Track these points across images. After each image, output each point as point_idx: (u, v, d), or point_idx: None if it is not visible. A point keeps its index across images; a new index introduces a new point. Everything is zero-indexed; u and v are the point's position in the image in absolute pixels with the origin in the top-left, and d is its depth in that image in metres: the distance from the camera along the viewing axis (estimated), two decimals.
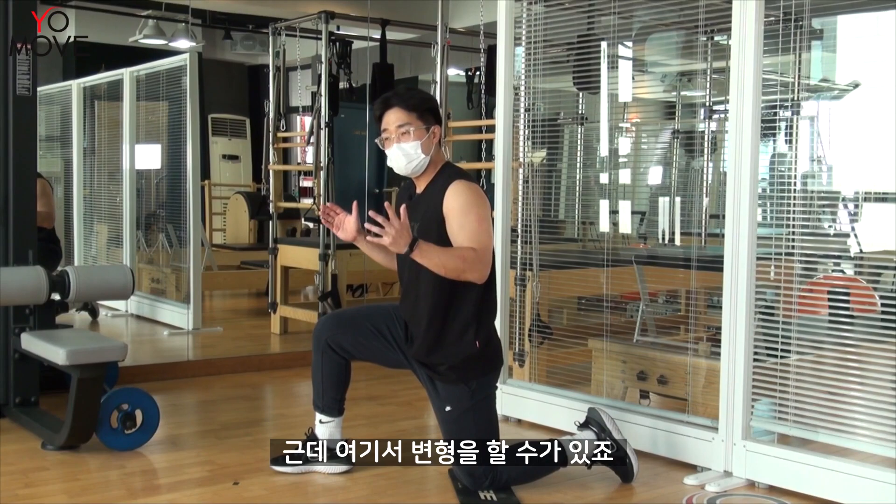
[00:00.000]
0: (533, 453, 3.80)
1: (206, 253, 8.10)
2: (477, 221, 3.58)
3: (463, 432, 3.70)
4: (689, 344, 4.53)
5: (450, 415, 3.72)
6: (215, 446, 4.34)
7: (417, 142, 3.69)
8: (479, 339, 3.71)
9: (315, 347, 3.93)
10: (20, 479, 3.90)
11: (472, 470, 3.71)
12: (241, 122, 9.35)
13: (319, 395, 3.95)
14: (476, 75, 7.71)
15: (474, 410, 3.72)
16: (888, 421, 3.58)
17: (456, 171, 3.78)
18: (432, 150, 3.74)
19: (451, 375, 3.69)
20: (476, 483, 3.72)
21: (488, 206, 3.72)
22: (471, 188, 3.66)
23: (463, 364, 3.69)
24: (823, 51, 5.33)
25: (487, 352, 3.77)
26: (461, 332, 3.68)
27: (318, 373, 3.93)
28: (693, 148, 6.31)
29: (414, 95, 3.80)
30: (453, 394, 3.71)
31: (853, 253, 4.56)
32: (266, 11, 8.06)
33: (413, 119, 3.71)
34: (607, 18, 4.68)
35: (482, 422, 3.75)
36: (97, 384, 4.17)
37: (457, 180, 3.66)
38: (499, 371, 3.89)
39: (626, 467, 3.87)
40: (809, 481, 3.74)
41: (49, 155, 8.49)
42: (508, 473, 3.75)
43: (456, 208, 3.60)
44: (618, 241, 5.41)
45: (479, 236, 3.57)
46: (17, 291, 4.43)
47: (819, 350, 3.84)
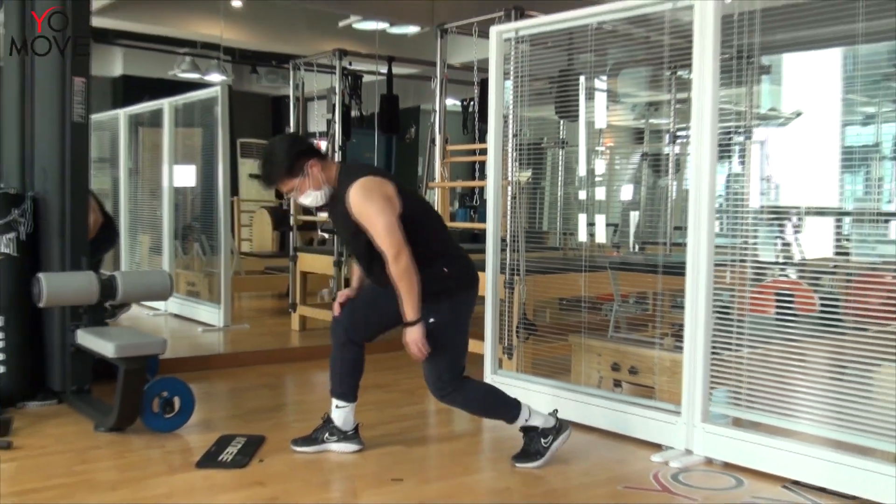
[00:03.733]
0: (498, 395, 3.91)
1: (235, 260, 8.10)
2: (375, 216, 3.56)
3: (440, 341, 3.69)
4: (656, 339, 4.55)
5: (433, 325, 3.68)
6: (243, 428, 4.32)
7: (309, 188, 3.71)
8: (446, 267, 3.73)
9: (335, 342, 3.92)
10: (76, 456, 3.93)
11: (440, 373, 3.73)
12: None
13: (337, 383, 3.94)
14: (470, 105, 7.70)
15: (452, 323, 3.73)
16: (826, 406, 3.60)
17: (347, 177, 3.70)
18: (320, 178, 3.71)
19: (434, 297, 3.66)
20: (441, 388, 3.75)
21: (377, 194, 3.60)
22: (359, 192, 3.61)
23: (442, 288, 3.68)
24: (771, 84, 5.35)
25: (458, 272, 3.77)
26: (426, 268, 3.63)
27: (338, 364, 3.92)
28: (659, 168, 6.31)
29: (274, 168, 3.71)
30: (436, 310, 3.68)
31: (796, 259, 4.57)
32: (287, 49, 8.09)
33: (287, 180, 3.71)
34: (585, 56, 4.68)
35: (457, 334, 3.77)
36: (141, 374, 4.20)
37: (349, 190, 3.62)
38: (475, 290, 3.85)
39: (526, 459, 3.82)
40: (759, 458, 3.75)
41: (100, 174, 8.51)
42: (468, 394, 3.80)
43: (359, 215, 3.60)
44: (594, 250, 5.39)
45: (379, 231, 3.56)
46: (72, 293, 4.45)
47: (768, 344, 3.84)
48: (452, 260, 3.79)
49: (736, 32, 3.87)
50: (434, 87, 6.70)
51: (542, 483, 3.68)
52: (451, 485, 3.65)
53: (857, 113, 4.93)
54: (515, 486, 3.63)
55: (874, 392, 3.51)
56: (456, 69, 7.07)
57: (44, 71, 4.85)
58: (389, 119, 8.06)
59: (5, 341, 4.65)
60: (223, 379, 5.65)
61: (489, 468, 3.89)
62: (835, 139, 4.71)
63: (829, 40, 4.31)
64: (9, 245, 4.65)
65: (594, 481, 3.72)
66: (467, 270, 3.83)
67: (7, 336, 4.66)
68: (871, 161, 4.91)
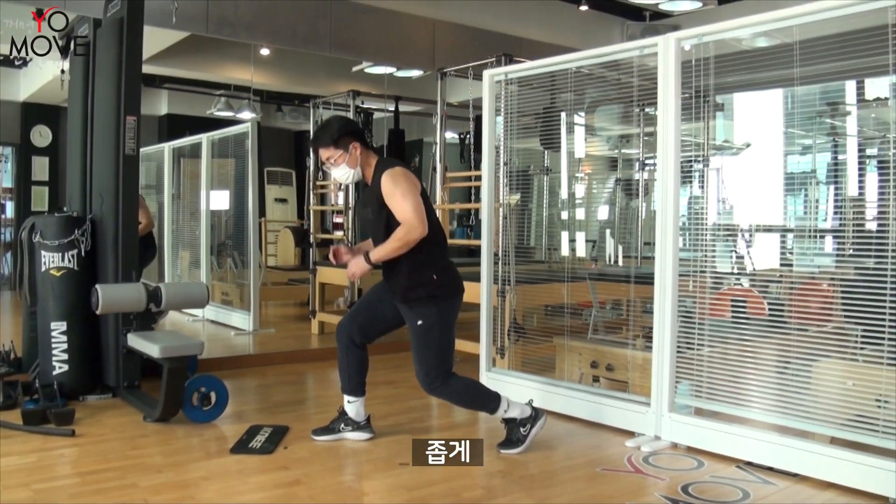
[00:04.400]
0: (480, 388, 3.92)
1: (263, 272, 8.10)
2: (401, 198, 3.58)
3: (429, 341, 3.69)
4: (629, 340, 4.57)
5: (421, 327, 3.68)
6: (270, 419, 4.34)
7: (343, 163, 3.73)
8: (434, 273, 3.70)
9: (339, 344, 3.93)
10: (128, 442, 3.96)
11: (429, 370, 3.71)
12: (289, 174, 9.38)
13: (346, 381, 3.95)
14: (467, 137, 7.76)
15: (439, 325, 3.70)
16: (773, 396, 3.62)
17: (385, 165, 3.73)
18: (359, 160, 3.74)
19: (424, 301, 3.68)
20: (430, 383, 3.73)
21: (407, 181, 3.62)
22: (393, 175, 3.63)
23: (430, 292, 3.68)
24: (724, 119, 5.37)
25: (445, 280, 3.75)
26: (419, 272, 3.66)
27: (345, 364, 3.93)
28: (631, 192, 6.31)
29: (325, 134, 3.75)
30: (424, 312, 3.68)
31: (748, 270, 4.58)
32: (308, 90, 8.12)
33: (332, 151, 3.73)
34: (565, 95, 4.71)
35: (444, 335, 3.74)
36: (182, 372, 4.22)
37: (385, 173, 3.65)
38: (460, 297, 3.81)
39: (509, 446, 3.84)
40: (717, 442, 3.78)
41: (147, 199, 8.51)
42: (454, 388, 3.77)
43: (386, 194, 3.62)
44: (575, 263, 5.40)
45: (403, 209, 3.58)
46: (124, 302, 4.49)
47: (724, 344, 3.86)
48: (442, 269, 3.76)
49: (694, 75, 3.91)
50: (435, 122, 6.72)
51: (530, 466, 3.70)
52: (451, 468, 3.60)
53: (796, 144, 4.95)
54: (507, 468, 3.66)
55: (813, 383, 3.54)
56: (454, 107, 7.06)
57: (101, 111, 4.91)
58: (396, 150, 8.07)
59: (68, 343, 4.68)
60: (252, 376, 5.66)
61: (485, 454, 3.87)
62: (778, 166, 4.73)
63: (772, 82, 4.36)
64: (71, 260, 4.69)
65: (575, 464, 3.75)
66: (454, 279, 3.80)
67: (69, 339, 4.68)
68: (809, 185, 4.94)
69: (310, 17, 6.71)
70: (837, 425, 3.41)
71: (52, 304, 4.69)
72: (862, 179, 5.01)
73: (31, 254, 4.76)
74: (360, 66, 7.71)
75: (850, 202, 4.47)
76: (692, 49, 3.91)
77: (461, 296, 3.84)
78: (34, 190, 8.49)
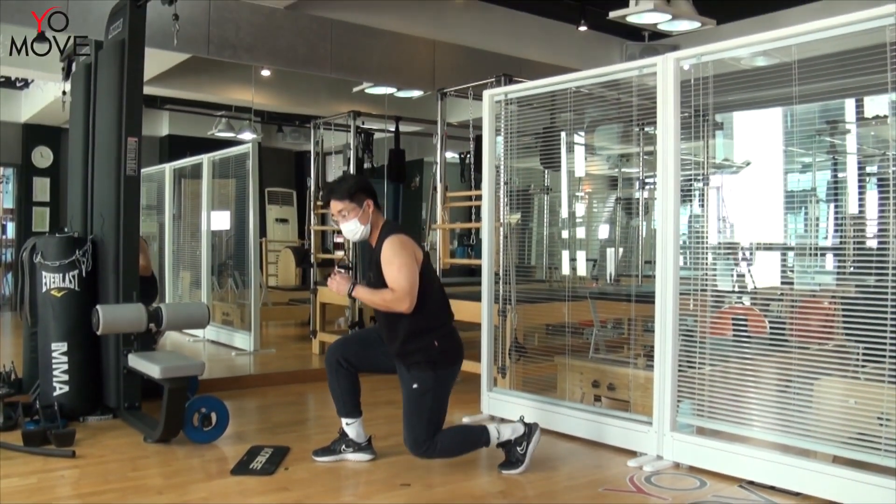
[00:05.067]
0: (465, 432, 3.90)
1: (263, 292, 8.11)
2: (397, 270, 3.61)
3: (421, 407, 3.67)
4: (631, 359, 4.56)
5: (415, 391, 3.67)
6: (270, 440, 4.32)
7: (355, 219, 3.75)
8: (436, 340, 3.69)
9: (329, 368, 3.92)
10: (129, 464, 3.94)
11: (417, 437, 3.68)
12: (289, 194, 9.42)
13: (341, 404, 3.93)
14: (467, 157, 7.78)
15: (434, 392, 3.68)
16: (775, 415, 3.61)
17: (389, 230, 3.76)
18: (370, 219, 3.77)
19: (422, 365, 3.67)
20: (418, 449, 3.70)
21: (409, 254, 3.65)
22: (393, 244, 3.66)
23: (430, 358, 3.67)
24: (724, 138, 5.38)
25: (447, 347, 3.73)
26: (419, 338, 3.67)
27: (336, 387, 3.91)
28: (631, 211, 6.31)
29: (342, 187, 3.78)
30: (421, 377, 3.67)
31: (749, 288, 4.57)
32: (309, 111, 8.16)
33: (346, 204, 3.75)
34: (565, 115, 4.71)
35: (437, 402, 3.71)
36: (183, 393, 4.20)
37: (387, 239, 3.68)
38: (459, 363, 3.81)
39: (510, 467, 3.81)
40: (719, 461, 3.76)
41: (148, 220, 8.53)
42: (443, 445, 3.73)
43: (384, 261, 3.65)
44: (576, 282, 5.39)
45: (398, 281, 3.60)
46: (125, 323, 4.46)
47: (726, 362, 3.84)
48: (444, 335, 3.75)
49: (693, 94, 3.92)
50: (435, 142, 6.74)
51: (532, 486, 3.69)
52: (453, 489, 3.65)
53: (796, 162, 4.96)
54: (508, 489, 3.64)
55: (815, 402, 3.52)
56: (454, 127, 7.10)
57: (103, 132, 4.92)
58: (397, 170, 8.10)
59: (68, 364, 4.67)
60: (253, 396, 5.64)
61: (486, 474, 3.88)
62: (778, 185, 4.75)
63: (771, 101, 4.38)
64: (72, 281, 4.69)
65: (577, 484, 3.73)
66: (454, 346, 3.79)
67: (70, 359, 4.67)
68: (809, 203, 4.94)
69: (311, 39, 6.76)
70: (839, 444, 3.39)
71: (53, 325, 4.69)
72: (862, 197, 5.02)
73: (32, 274, 4.76)
74: (361, 87, 7.76)
75: (851, 220, 4.47)
76: (691, 68, 3.93)
77: (460, 363, 3.83)
78: (35, 210, 8.53)
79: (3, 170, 8.80)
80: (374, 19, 7.09)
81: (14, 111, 8.58)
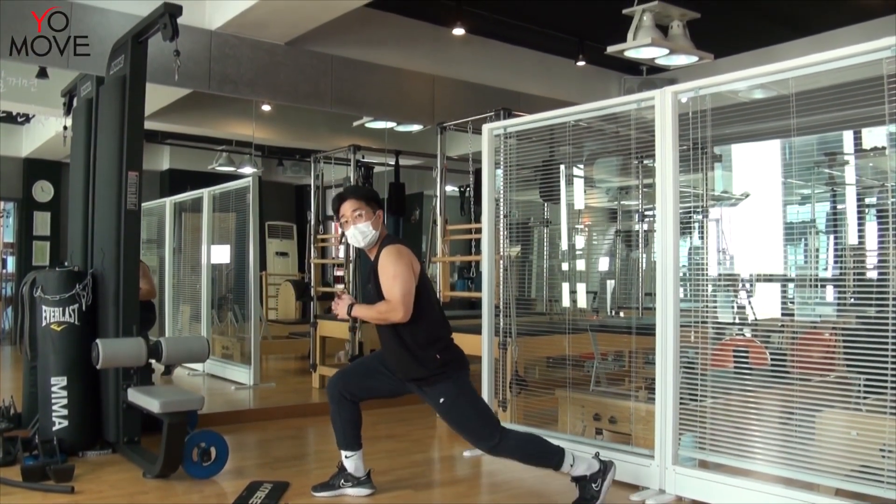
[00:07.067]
0: (541, 442, 3.80)
1: (263, 326, 8.09)
2: (392, 278, 3.61)
3: (462, 412, 3.67)
4: (632, 392, 4.53)
5: (445, 404, 3.65)
6: (270, 475, 4.30)
7: (368, 222, 3.76)
8: (438, 353, 3.68)
9: (331, 399, 3.90)
10: (127, 499, 3.91)
11: (479, 438, 3.66)
12: (289, 228, 9.44)
13: (342, 436, 3.91)
14: (467, 190, 7.80)
15: (462, 394, 3.68)
16: (777, 447, 3.59)
17: (389, 241, 3.78)
18: (378, 226, 3.79)
19: (433, 380, 3.67)
20: (488, 444, 3.65)
21: (405, 264, 3.63)
22: (391, 253, 3.67)
23: (436, 371, 3.66)
24: (723, 170, 5.42)
25: (449, 358, 3.72)
26: (421, 354, 3.66)
27: (338, 419, 3.90)
28: (631, 243, 6.33)
29: (360, 189, 3.81)
30: (442, 389, 3.66)
31: (750, 320, 4.57)
32: (309, 145, 8.21)
33: (363, 205, 3.77)
34: (564, 148, 4.74)
35: (473, 400, 3.72)
36: (182, 428, 4.19)
37: (385, 248, 3.70)
38: (467, 369, 3.78)
39: (585, 503, 3.71)
40: (723, 495, 3.72)
41: (149, 253, 8.54)
42: (514, 443, 3.69)
43: (381, 269, 3.67)
44: (576, 314, 5.40)
45: (392, 290, 3.60)
46: (124, 357, 4.44)
47: (727, 395, 3.83)
48: (445, 347, 3.75)
49: (691, 127, 3.95)
50: (435, 175, 6.77)
51: None
52: None
53: (794, 194, 4.99)
54: None
55: (817, 434, 3.50)
56: (454, 160, 7.13)
57: (104, 166, 4.94)
58: (397, 203, 8.13)
59: (68, 398, 4.65)
60: (253, 431, 5.62)
61: None
62: (778, 216, 4.77)
63: (769, 133, 4.41)
64: (72, 315, 4.70)
65: None
66: (456, 356, 3.78)
67: (69, 394, 4.66)
68: (809, 234, 4.96)
69: (311, 75, 6.82)
70: (842, 476, 3.37)
71: (53, 359, 4.68)
72: (861, 228, 5.04)
73: (32, 308, 4.76)
74: (361, 121, 7.81)
75: (850, 251, 4.49)
76: (689, 101, 3.97)
77: (468, 369, 3.82)
78: (35, 245, 8.52)
79: (4, 204, 8.82)
80: (374, 55, 7.16)
81: (15, 146, 8.61)
